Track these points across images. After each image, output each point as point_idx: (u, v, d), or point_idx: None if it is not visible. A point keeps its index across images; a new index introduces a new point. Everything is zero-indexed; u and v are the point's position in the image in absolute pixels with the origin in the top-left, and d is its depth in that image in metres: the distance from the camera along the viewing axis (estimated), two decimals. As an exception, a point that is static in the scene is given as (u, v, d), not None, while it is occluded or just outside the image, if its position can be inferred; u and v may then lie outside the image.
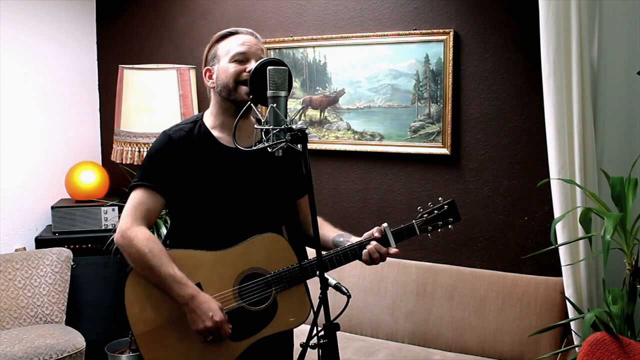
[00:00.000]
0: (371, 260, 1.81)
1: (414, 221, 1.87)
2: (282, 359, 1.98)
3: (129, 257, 1.77)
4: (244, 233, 1.81)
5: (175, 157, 1.81)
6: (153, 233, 1.86)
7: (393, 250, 1.82)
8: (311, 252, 1.92)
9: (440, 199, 1.92)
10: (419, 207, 1.90)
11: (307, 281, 1.82)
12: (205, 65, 1.89)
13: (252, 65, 1.76)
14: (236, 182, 1.84)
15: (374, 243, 1.80)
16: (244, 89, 1.77)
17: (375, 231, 1.83)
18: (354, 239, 1.87)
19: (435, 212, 1.88)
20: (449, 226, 1.89)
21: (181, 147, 1.81)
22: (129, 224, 1.76)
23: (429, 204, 1.90)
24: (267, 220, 1.87)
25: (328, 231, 1.96)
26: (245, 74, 1.77)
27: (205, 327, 1.71)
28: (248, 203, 1.85)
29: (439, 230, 1.88)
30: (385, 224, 1.83)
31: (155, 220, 1.84)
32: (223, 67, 1.81)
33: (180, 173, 1.80)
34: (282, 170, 1.91)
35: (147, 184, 1.79)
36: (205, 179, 1.81)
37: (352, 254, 1.82)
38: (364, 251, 1.81)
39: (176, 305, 1.75)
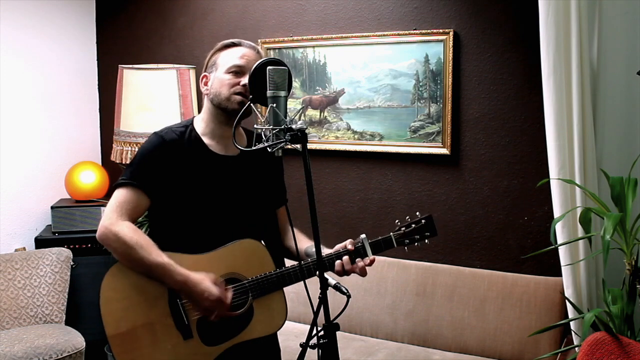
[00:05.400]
0: (343, 272, 1.81)
1: (391, 234, 1.88)
2: None
3: (115, 251, 1.74)
4: (225, 239, 1.81)
5: (166, 158, 1.80)
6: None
7: (371, 259, 1.82)
8: (288, 262, 1.93)
9: (417, 213, 1.93)
10: (397, 221, 1.92)
11: (307, 281, 1.82)
12: (204, 71, 1.90)
13: (247, 79, 1.75)
14: (222, 190, 1.84)
15: (345, 258, 1.80)
16: (236, 98, 1.79)
17: (348, 244, 1.84)
18: (327, 250, 1.87)
19: (413, 226, 1.89)
20: (425, 240, 1.90)
21: (172, 149, 1.81)
22: (113, 219, 1.73)
23: (407, 217, 1.92)
24: (248, 228, 1.87)
25: (300, 242, 1.94)
26: (238, 87, 1.79)
27: (204, 308, 1.72)
28: (232, 210, 1.85)
29: (416, 244, 1.90)
30: (363, 235, 1.85)
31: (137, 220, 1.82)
32: (219, 77, 1.83)
33: (169, 175, 1.79)
34: (266, 179, 1.93)
35: (134, 183, 1.77)
36: (192, 184, 1.81)
37: (328, 264, 1.82)
38: (337, 262, 1.81)
39: (152, 309, 1.75)
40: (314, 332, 1.54)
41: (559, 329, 2.59)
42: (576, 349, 2.33)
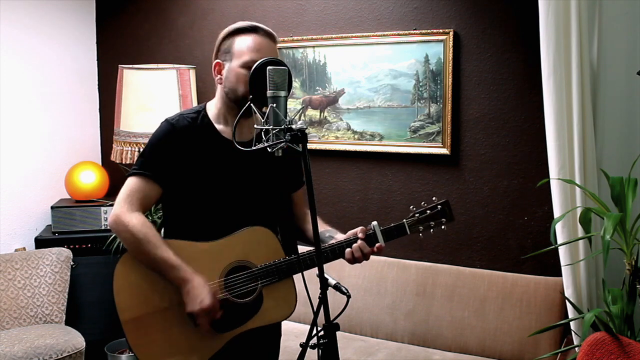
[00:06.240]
0: (354, 259, 1.79)
1: (404, 220, 1.84)
2: (268, 352, 2.00)
3: (124, 241, 1.77)
4: (238, 225, 1.81)
5: (177, 145, 1.79)
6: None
7: (377, 246, 1.80)
8: (301, 247, 1.93)
9: (434, 198, 1.88)
10: (411, 207, 1.87)
11: (307, 281, 1.82)
12: (217, 56, 1.83)
13: None
14: (235, 176, 1.84)
15: (359, 242, 1.79)
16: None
17: (359, 231, 1.81)
18: (340, 236, 1.86)
19: (428, 211, 1.85)
20: (442, 227, 1.85)
21: (183, 136, 1.80)
22: (124, 209, 1.75)
23: (422, 203, 1.87)
24: (262, 214, 1.87)
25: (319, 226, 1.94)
26: None
27: (192, 311, 1.72)
28: (245, 196, 1.85)
29: (431, 230, 1.85)
30: (374, 222, 1.82)
31: (150, 209, 1.83)
32: (234, 70, 1.78)
33: (180, 162, 1.79)
34: (280, 165, 1.90)
35: (146, 172, 1.78)
36: (205, 171, 1.81)
37: (339, 251, 1.81)
38: (347, 250, 1.79)
39: (164, 295, 1.76)
40: (314, 332, 1.54)
41: (559, 329, 2.59)
42: (576, 349, 2.33)
